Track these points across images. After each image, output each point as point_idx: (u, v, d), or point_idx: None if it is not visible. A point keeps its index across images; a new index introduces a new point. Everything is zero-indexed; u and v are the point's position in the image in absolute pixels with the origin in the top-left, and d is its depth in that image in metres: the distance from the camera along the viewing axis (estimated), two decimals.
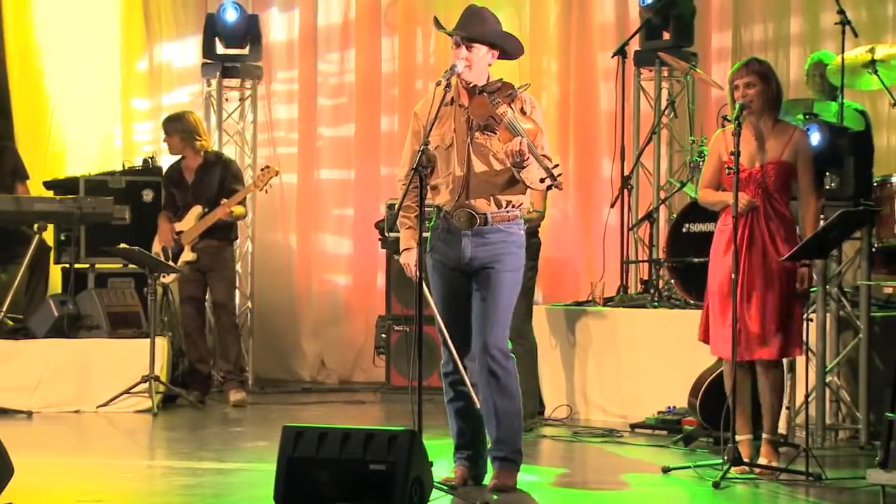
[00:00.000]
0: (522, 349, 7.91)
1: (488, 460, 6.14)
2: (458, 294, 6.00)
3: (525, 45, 6.31)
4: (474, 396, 5.88)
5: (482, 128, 5.91)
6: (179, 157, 9.58)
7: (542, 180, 5.78)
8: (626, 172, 9.35)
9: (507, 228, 5.99)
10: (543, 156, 5.80)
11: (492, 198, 5.95)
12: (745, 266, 6.46)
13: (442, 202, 6.01)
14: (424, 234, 5.85)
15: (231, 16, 10.56)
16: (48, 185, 10.24)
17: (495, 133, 5.89)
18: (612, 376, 8.47)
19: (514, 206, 6.00)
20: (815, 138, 7.07)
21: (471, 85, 5.96)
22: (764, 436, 6.57)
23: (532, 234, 7.91)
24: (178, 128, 9.48)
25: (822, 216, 6.90)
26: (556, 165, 5.81)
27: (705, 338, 6.70)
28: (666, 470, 6.58)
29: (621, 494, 6.39)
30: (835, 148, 7.19)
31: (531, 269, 7.92)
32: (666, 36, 9.69)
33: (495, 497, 5.90)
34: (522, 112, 5.92)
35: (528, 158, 5.72)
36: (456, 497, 5.78)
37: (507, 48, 6.06)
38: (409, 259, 5.96)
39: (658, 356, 8.25)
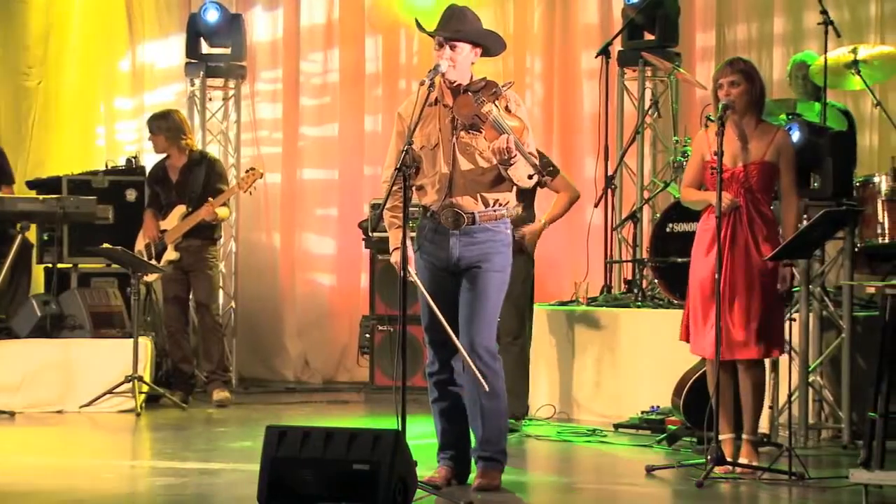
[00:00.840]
0: (517, 348, 7.92)
1: (472, 460, 6.14)
2: (446, 294, 5.99)
3: (508, 44, 6.31)
4: (481, 378, 5.84)
5: (467, 127, 5.91)
6: (164, 155, 9.56)
7: (529, 177, 5.79)
8: (610, 172, 9.35)
9: (495, 227, 6.00)
10: (530, 153, 5.81)
11: (479, 196, 5.96)
12: (728, 266, 6.47)
13: (429, 202, 6.01)
14: (411, 234, 5.84)
15: (212, 16, 10.55)
16: (31, 184, 10.21)
17: (481, 132, 5.89)
18: (595, 376, 8.48)
19: (501, 205, 6.00)
20: (795, 137, 7.09)
21: (455, 84, 5.96)
22: (744, 436, 6.58)
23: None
24: (164, 126, 9.46)
25: (805, 216, 6.92)
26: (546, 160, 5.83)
27: (686, 337, 6.72)
28: (650, 469, 6.58)
29: (605, 493, 6.40)
30: (814, 147, 7.20)
31: (532, 266, 7.93)
32: (648, 36, 9.72)
33: (479, 496, 5.90)
34: (507, 110, 5.92)
35: (515, 156, 5.72)
36: (440, 497, 5.77)
37: (490, 45, 6.06)
38: (400, 258, 5.94)
39: (642, 356, 8.26)
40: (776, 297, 6.51)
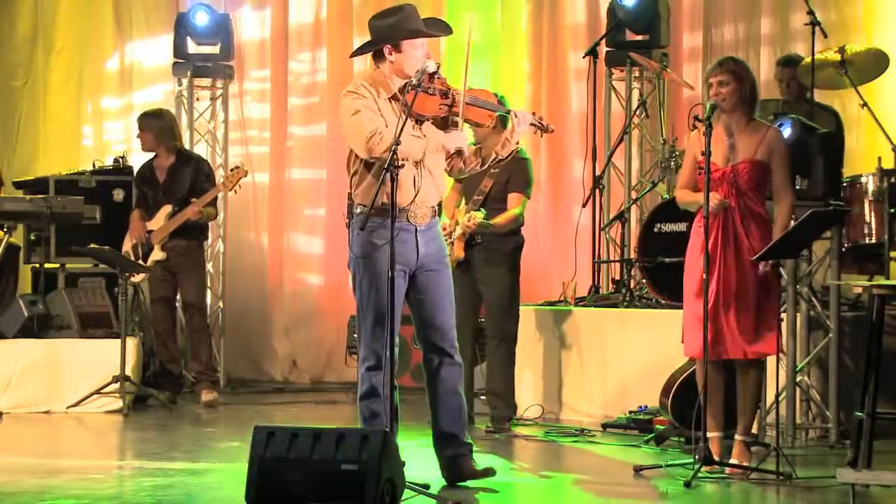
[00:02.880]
0: (503, 352, 7.91)
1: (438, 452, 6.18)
2: (400, 292, 5.94)
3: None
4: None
5: (434, 121, 5.93)
6: (152, 155, 9.55)
7: (536, 126, 5.98)
8: (598, 172, 9.37)
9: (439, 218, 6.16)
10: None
11: (438, 188, 6.06)
12: (722, 266, 6.47)
13: (397, 200, 5.93)
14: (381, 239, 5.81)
15: (201, 19, 10.55)
16: (18, 184, 10.19)
17: (445, 122, 5.92)
18: (583, 376, 8.48)
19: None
20: (787, 133, 7.08)
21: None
22: (737, 437, 6.57)
23: (515, 232, 7.91)
24: (154, 125, 9.45)
25: (792, 216, 6.92)
26: (534, 113, 6.04)
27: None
28: (637, 469, 6.59)
29: (592, 494, 6.40)
30: (804, 145, 7.20)
31: (514, 268, 7.93)
32: (632, 37, 9.73)
33: (462, 495, 5.90)
34: (447, 86, 5.96)
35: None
36: (428, 497, 5.76)
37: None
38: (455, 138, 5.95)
39: (629, 356, 8.26)
40: (772, 296, 6.50)
